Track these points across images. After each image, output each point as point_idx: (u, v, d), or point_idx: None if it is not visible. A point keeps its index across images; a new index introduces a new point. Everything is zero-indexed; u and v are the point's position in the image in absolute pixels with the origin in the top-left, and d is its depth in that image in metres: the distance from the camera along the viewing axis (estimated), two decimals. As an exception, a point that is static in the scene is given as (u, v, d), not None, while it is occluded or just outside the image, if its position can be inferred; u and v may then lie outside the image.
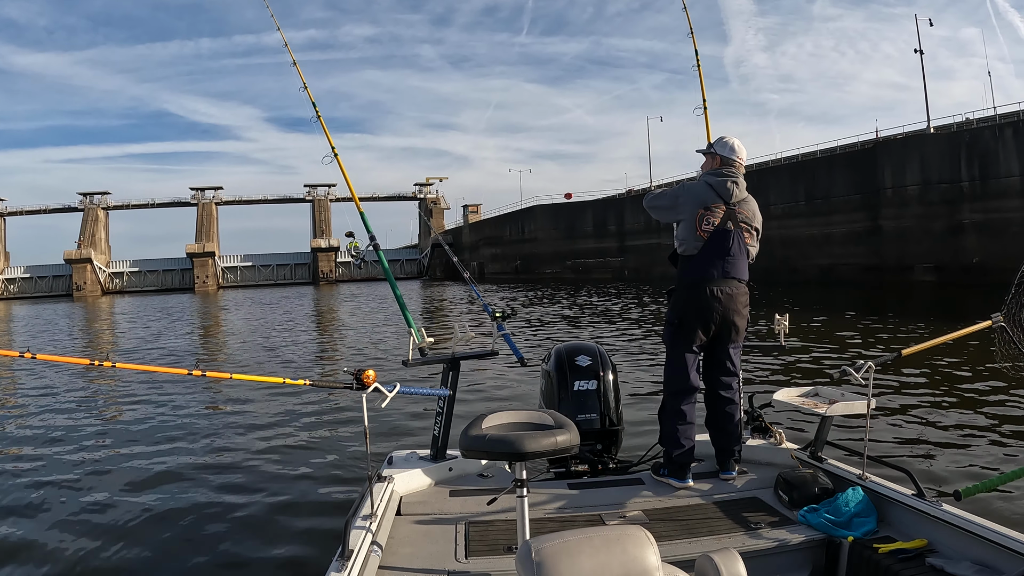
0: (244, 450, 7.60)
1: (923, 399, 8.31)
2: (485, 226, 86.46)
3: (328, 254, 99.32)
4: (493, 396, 9.65)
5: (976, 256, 28.74)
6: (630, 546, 1.64)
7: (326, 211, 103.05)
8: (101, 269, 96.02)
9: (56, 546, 5.09)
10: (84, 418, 9.82)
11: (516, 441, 2.44)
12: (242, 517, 5.53)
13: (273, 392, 10.32)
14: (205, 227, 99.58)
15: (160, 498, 6.06)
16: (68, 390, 12.32)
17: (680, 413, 3.84)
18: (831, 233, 37.09)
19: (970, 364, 9.81)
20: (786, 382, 8.99)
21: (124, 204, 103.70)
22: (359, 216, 4.67)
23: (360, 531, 2.86)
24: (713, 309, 3.75)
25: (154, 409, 10.04)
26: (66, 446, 8.16)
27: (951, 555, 2.71)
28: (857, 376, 3.33)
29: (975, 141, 30.81)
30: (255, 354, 17.70)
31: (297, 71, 4.90)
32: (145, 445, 8.04)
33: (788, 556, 3.05)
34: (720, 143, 3.96)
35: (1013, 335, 3.60)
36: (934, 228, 31.24)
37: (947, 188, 31.01)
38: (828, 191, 37.89)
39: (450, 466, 3.99)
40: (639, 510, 3.46)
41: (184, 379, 11.83)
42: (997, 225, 28.50)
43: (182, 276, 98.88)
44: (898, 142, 36.77)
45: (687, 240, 3.83)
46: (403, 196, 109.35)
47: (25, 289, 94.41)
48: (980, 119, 37.11)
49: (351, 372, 3.22)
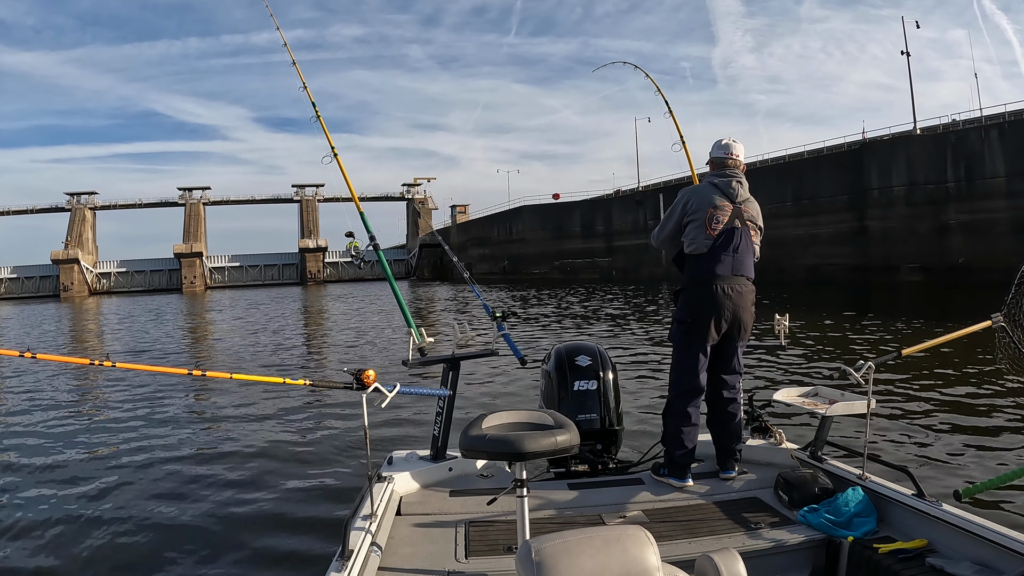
0: (244, 450, 7.59)
1: (923, 399, 8.34)
2: (473, 226, 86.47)
3: (316, 254, 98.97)
4: (493, 396, 9.64)
5: (962, 256, 28.99)
6: (630, 546, 1.64)
7: (314, 211, 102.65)
8: (88, 270, 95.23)
9: (55, 545, 5.09)
10: (83, 418, 9.81)
11: (516, 441, 2.44)
12: (242, 517, 5.52)
13: (273, 392, 10.30)
14: (193, 227, 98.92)
15: (160, 498, 6.06)
16: (66, 390, 12.29)
17: (686, 414, 3.84)
18: (818, 233, 37.27)
19: (970, 364, 9.84)
20: (786, 382, 9.03)
21: (111, 204, 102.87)
22: (359, 216, 4.66)
23: (360, 531, 2.85)
24: (724, 306, 3.75)
25: (154, 409, 10.01)
26: (65, 446, 8.14)
27: (951, 555, 2.72)
28: (857, 376, 3.34)
29: (961, 142, 31.04)
30: (252, 355, 17.61)
31: (297, 71, 4.90)
32: (145, 445, 8.02)
33: (788, 556, 3.05)
34: (716, 146, 4.00)
35: (1013, 335, 3.62)
36: (920, 229, 31.46)
37: (933, 189, 31.22)
38: (815, 192, 38.10)
39: (450, 466, 3.98)
40: (639, 510, 3.46)
41: (184, 379, 11.80)
42: (983, 226, 28.74)
43: (170, 276, 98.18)
44: (884, 143, 37.06)
45: (697, 239, 3.83)
46: (391, 196, 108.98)
47: (12, 290, 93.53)
48: (966, 120, 37.45)
49: (351, 372, 3.21)
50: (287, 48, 5.08)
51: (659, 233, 4.13)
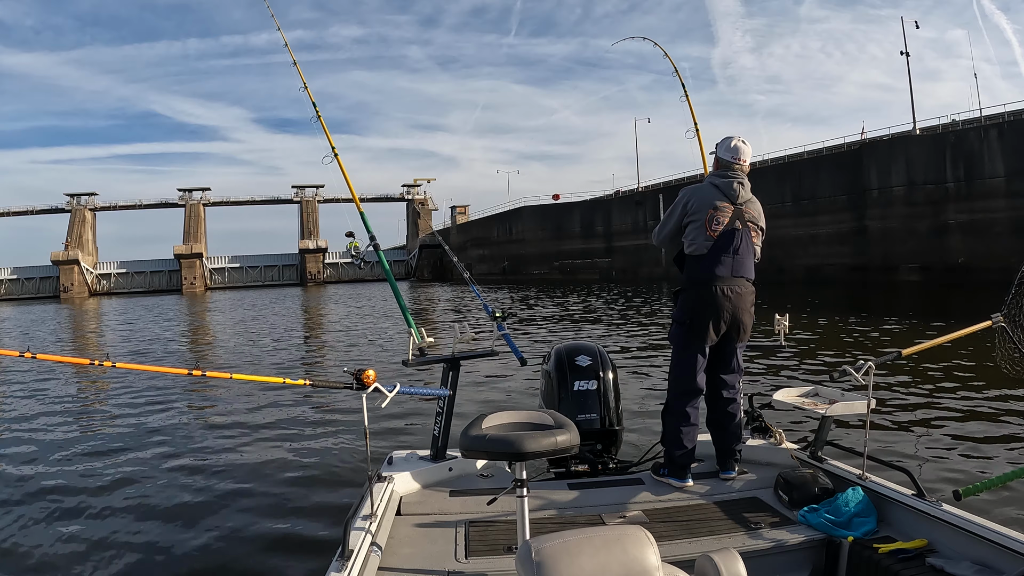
0: (244, 450, 7.58)
1: (923, 399, 8.33)
2: (473, 227, 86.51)
3: (316, 255, 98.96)
4: (493, 396, 9.63)
5: (961, 256, 29.03)
6: (630, 546, 1.64)
7: (314, 212, 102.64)
8: (88, 271, 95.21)
9: (52, 544, 5.08)
10: (81, 418, 9.79)
11: (516, 441, 2.44)
12: (242, 517, 5.51)
13: (273, 392, 10.29)
14: (193, 228, 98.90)
15: (159, 498, 6.04)
16: (65, 390, 12.26)
17: (685, 414, 3.84)
18: (817, 233, 37.31)
19: (970, 364, 9.83)
20: (786, 382, 9.02)
21: (111, 205, 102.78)
22: (359, 216, 4.66)
23: (360, 531, 2.85)
24: (723, 308, 3.75)
25: (153, 409, 9.99)
26: (63, 446, 8.11)
27: (951, 555, 2.72)
28: (857, 376, 3.34)
29: (960, 142, 31.06)
30: (251, 355, 17.61)
31: (298, 71, 4.89)
32: (144, 444, 8.01)
33: (788, 556, 3.05)
34: (723, 145, 3.99)
35: (1013, 335, 3.62)
36: (919, 228, 31.48)
37: (932, 189, 31.25)
38: (814, 192, 38.13)
39: (450, 466, 3.98)
40: (639, 510, 3.46)
41: (184, 379, 11.78)
42: (982, 225, 28.76)
43: (170, 277, 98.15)
44: (884, 143, 37.07)
45: (697, 240, 3.83)
46: (391, 197, 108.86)
47: (12, 291, 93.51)
48: (966, 120, 37.38)
49: (351, 372, 3.21)
50: (288, 48, 5.08)
51: (659, 232, 4.13)
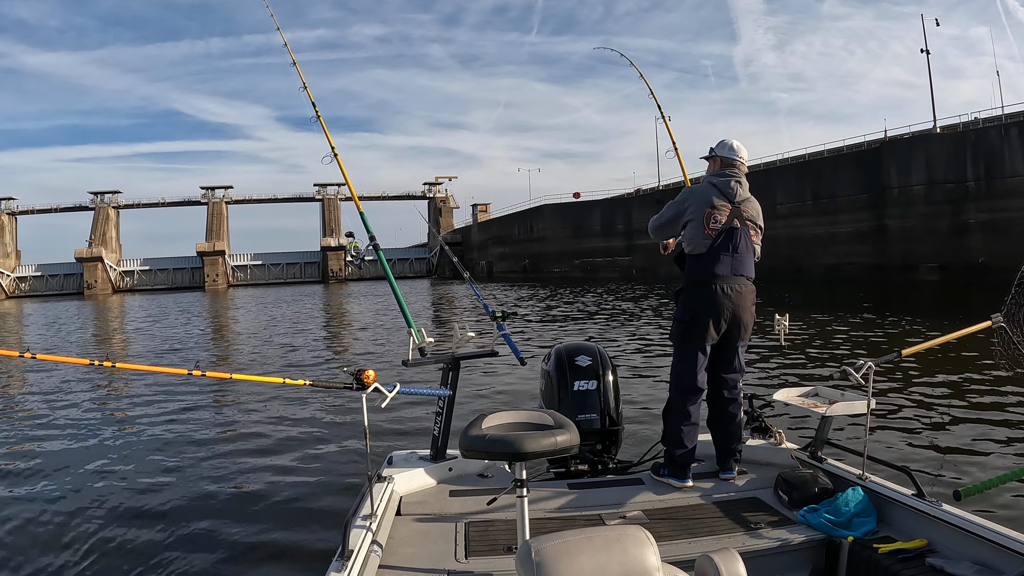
0: (244, 450, 7.64)
1: (923, 399, 8.30)
2: (494, 225, 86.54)
3: (338, 253, 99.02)
4: (493, 396, 9.66)
5: (981, 256, 28.58)
6: (630, 546, 1.65)
7: (336, 210, 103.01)
8: (112, 268, 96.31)
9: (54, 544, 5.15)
10: (81, 418, 9.88)
11: (516, 441, 2.44)
12: (242, 517, 5.56)
13: (273, 392, 10.33)
14: (215, 226, 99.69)
15: (159, 498, 6.10)
16: (66, 390, 12.35)
17: (686, 413, 3.84)
18: (837, 232, 36.99)
19: (970, 364, 9.77)
20: (786, 382, 8.98)
21: (134, 203, 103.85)
22: (359, 216, 4.68)
23: (360, 531, 2.87)
24: (723, 306, 3.75)
25: (154, 409, 10.08)
26: (64, 445, 8.23)
27: (951, 555, 2.71)
28: (857, 376, 3.33)
29: (981, 140, 30.64)
30: (262, 352, 17.78)
31: (297, 71, 4.94)
32: (144, 444, 8.11)
33: (788, 556, 3.05)
34: (720, 145, 4.00)
35: (1013, 335, 3.60)
36: (939, 227, 31.10)
37: (952, 188, 30.85)
38: (834, 190, 37.77)
39: (450, 466, 3.99)
40: (639, 510, 3.46)
41: (185, 379, 11.84)
42: (1002, 224, 28.33)
43: (192, 275, 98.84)
44: (904, 142, 36.62)
45: (695, 239, 3.83)
46: (412, 195, 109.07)
47: (36, 287, 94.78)
48: (987, 119, 36.87)
49: (351, 372, 3.23)
50: (287, 49, 5.15)
51: (655, 222, 4.15)
